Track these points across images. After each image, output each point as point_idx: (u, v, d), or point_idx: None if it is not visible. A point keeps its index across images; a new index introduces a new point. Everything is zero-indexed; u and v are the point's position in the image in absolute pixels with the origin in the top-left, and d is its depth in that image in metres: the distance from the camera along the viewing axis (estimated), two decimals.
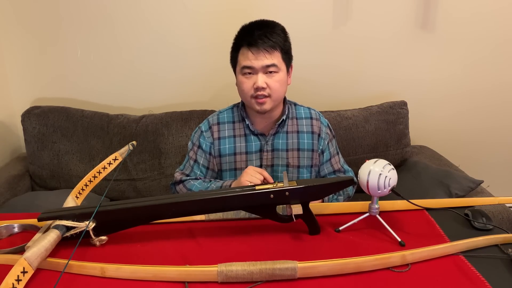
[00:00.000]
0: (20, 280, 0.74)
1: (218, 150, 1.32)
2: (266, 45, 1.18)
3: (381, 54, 1.97)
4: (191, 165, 1.35)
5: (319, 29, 1.90)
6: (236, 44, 1.25)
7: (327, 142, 1.36)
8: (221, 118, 1.34)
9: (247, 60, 1.20)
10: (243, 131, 1.32)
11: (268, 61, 1.19)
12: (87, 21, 1.85)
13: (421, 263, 0.87)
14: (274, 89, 1.21)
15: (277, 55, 1.21)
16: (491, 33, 1.95)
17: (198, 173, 1.34)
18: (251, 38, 1.19)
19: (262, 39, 1.18)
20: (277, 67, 1.21)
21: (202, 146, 1.33)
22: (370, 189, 0.93)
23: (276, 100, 1.24)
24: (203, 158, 1.33)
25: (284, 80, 1.24)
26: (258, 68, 1.20)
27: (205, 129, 1.34)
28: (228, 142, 1.32)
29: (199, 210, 0.96)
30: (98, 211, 0.90)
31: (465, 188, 1.59)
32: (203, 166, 1.34)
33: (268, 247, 0.93)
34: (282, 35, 1.23)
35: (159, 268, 0.82)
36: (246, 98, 1.25)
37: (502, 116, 2.10)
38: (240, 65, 1.22)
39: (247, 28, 1.24)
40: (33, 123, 1.77)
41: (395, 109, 1.88)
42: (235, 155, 1.31)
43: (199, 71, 1.95)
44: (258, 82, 1.19)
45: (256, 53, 1.19)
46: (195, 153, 1.35)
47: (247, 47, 1.20)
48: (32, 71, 1.91)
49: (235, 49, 1.25)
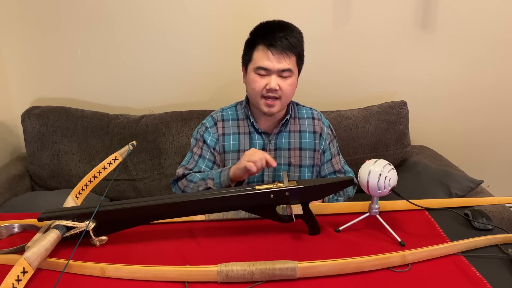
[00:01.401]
0: (20, 280, 0.74)
1: (222, 146, 1.31)
2: (286, 48, 1.17)
3: (381, 54, 1.97)
4: (196, 160, 1.31)
5: (319, 29, 1.90)
6: (253, 41, 1.22)
7: (328, 142, 1.36)
8: (225, 115, 1.34)
9: (266, 61, 1.18)
10: (247, 129, 1.32)
11: (286, 64, 1.19)
12: (87, 21, 1.85)
13: (421, 263, 0.87)
14: (285, 92, 1.21)
15: (293, 59, 1.21)
16: (491, 33, 1.95)
17: (203, 167, 1.30)
18: (273, 38, 1.17)
19: (283, 41, 1.17)
20: (291, 71, 1.21)
21: (207, 141, 1.31)
22: (370, 189, 0.93)
23: (284, 103, 1.25)
24: (209, 153, 1.30)
25: (295, 84, 1.25)
26: (274, 70, 1.19)
27: (210, 125, 1.33)
28: (233, 139, 1.31)
29: (199, 210, 0.96)
30: (98, 211, 0.90)
31: (465, 188, 1.59)
32: (209, 160, 1.30)
33: (268, 247, 0.93)
34: (300, 39, 1.23)
35: (159, 268, 0.82)
36: (256, 97, 1.24)
37: (502, 116, 2.10)
38: (256, 64, 1.20)
39: (268, 27, 1.22)
40: (33, 123, 1.76)
41: (395, 109, 1.88)
42: (239, 152, 1.30)
43: (199, 71, 1.95)
44: (272, 83, 1.19)
45: (277, 55, 1.18)
46: (200, 148, 1.32)
47: (266, 47, 1.18)
48: (32, 71, 1.91)
49: (251, 46, 1.23)
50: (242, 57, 1.29)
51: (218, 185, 1.17)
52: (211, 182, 1.18)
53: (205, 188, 1.19)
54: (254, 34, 1.24)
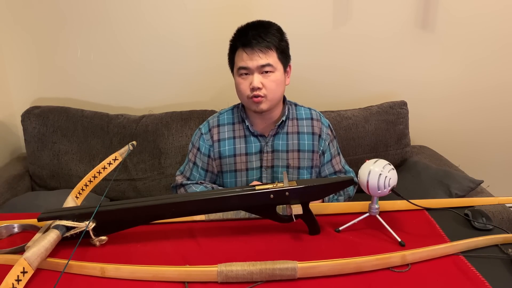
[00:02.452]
0: (20, 280, 0.74)
1: (218, 152, 1.32)
2: (260, 45, 1.18)
3: (381, 54, 1.97)
4: (191, 167, 1.36)
5: (319, 29, 1.90)
6: (232, 46, 1.26)
7: (327, 143, 1.35)
8: (221, 120, 1.35)
9: (242, 61, 1.20)
10: (243, 133, 1.32)
11: (263, 61, 1.19)
12: (87, 21, 1.85)
13: (421, 263, 0.87)
14: (270, 89, 1.21)
15: (272, 54, 1.21)
16: (492, 33, 1.95)
17: (197, 176, 1.35)
18: (245, 38, 1.19)
19: (256, 39, 1.18)
20: (272, 66, 1.20)
21: (201, 149, 1.33)
22: (370, 189, 0.93)
23: (272, 100, 1.24)
24: (202, 161, 1.34)
25: (280, 80, 1.23)
26: (253, 68, 1.20)
27: (205, 132, 1.34)
28: (228, 144, 1.31)
29: (199, 210, 0.96)
30: (98, 211, 0.90)
31: (465, 188, 1.59)
32: (202, 168, 1.34)
33: (268, 247, 0.93)
34: (278, 34, 1.22)
35: (159, 268, 0.82)
36: (244, 98, 1.25)
37: (502, 116, 2.10)
38: (236, 66, 1.23)
39: (242, 29, 1.24)
40: (33, 123, 1.77)
41: (395, 109, 1.88)
42: (235, 156, 1.31)
43: (199, 71, 1.95)
44: (254, 82, 1.19)
45: (251, 53, 1.19)
46: (194, 155, 1.35)
47: (242, 48, 1.20)
48: (32, 71, 1.91)
49: (232, 51, 1.26)
50: (228, 64, 1.30)
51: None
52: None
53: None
54: (233, 39, 1.26)
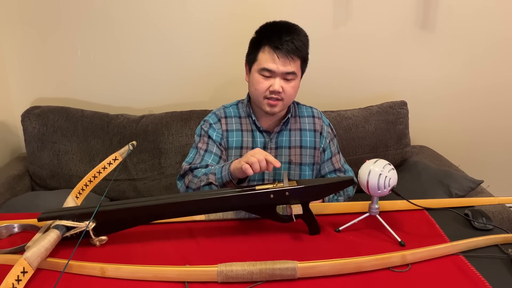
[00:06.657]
0: (20, 280, 0.74)
1: (227, 142, 1.32)
2: (293, 53, 1.18)
3: (381, 54, 1.97)
4: (202, 155, 1.29)
5: (319, 29, 1.90)
6: (258, 41, 1.22)
7: (328, 141, 1.37)
8: (228, 112, 1.35)
9: (272, 64, 1.19)
10: (250, 127, 1.33)
11: (291, 68, 1.19)
12: (87, 21, 1.85)
13: (421, 263, 0.87)
14: (288, 94, 1.22)
15: (298, 62, 1.21)
16: (492, 33, 1.95)
17: (210, 161, 1.27)
18: (279, 41, 1.17)
19: (289, 45, 1.17)
20: (295, 74, 1.21)
21: (212, 137, 1.30)
22: (370, 189, 0.93)
23: (286, 104, 1.26)
24: (216, 147, 1.30)
25: (297, 86, 1.25)
26: (278, 73, 1.20)
27: (214, 121, 1.33)
28: (236, 136, 1.32)
29: (199, 210, 0.96)
30: (98, 211, 0.90)
31: (465, 188, 1.59)
32: (216, 155, 1.29)
33: (268, 247, 0.93)
34: (306, 42, 1.23)
35: (159, 268, 0.82)
36: (258, 97, 1.24)
37: (502, 116, 2.10)
38: (260, 65, 1.21)
39: (274, 28, 1.21)
40: (33, 123, 1.76)
41: (395, 109, 1.88)
42: (242, 149, 1.31)
43: (199, 71, 1.95)
44: (276, 86, 1.19)
45: (282, 58, 1.18)
46: (206, 143, 1.31)
47: (272, 49, 1.18)
48: (32, 71, 1.91)
49: (256, 46, 1.23)
50: (246, 56, 1.28)
51: (219, 179, 1.15)
52: (213, 177, 1.16)
53: (207, 183, 1.17)
54: (260, 34, 1.24)
